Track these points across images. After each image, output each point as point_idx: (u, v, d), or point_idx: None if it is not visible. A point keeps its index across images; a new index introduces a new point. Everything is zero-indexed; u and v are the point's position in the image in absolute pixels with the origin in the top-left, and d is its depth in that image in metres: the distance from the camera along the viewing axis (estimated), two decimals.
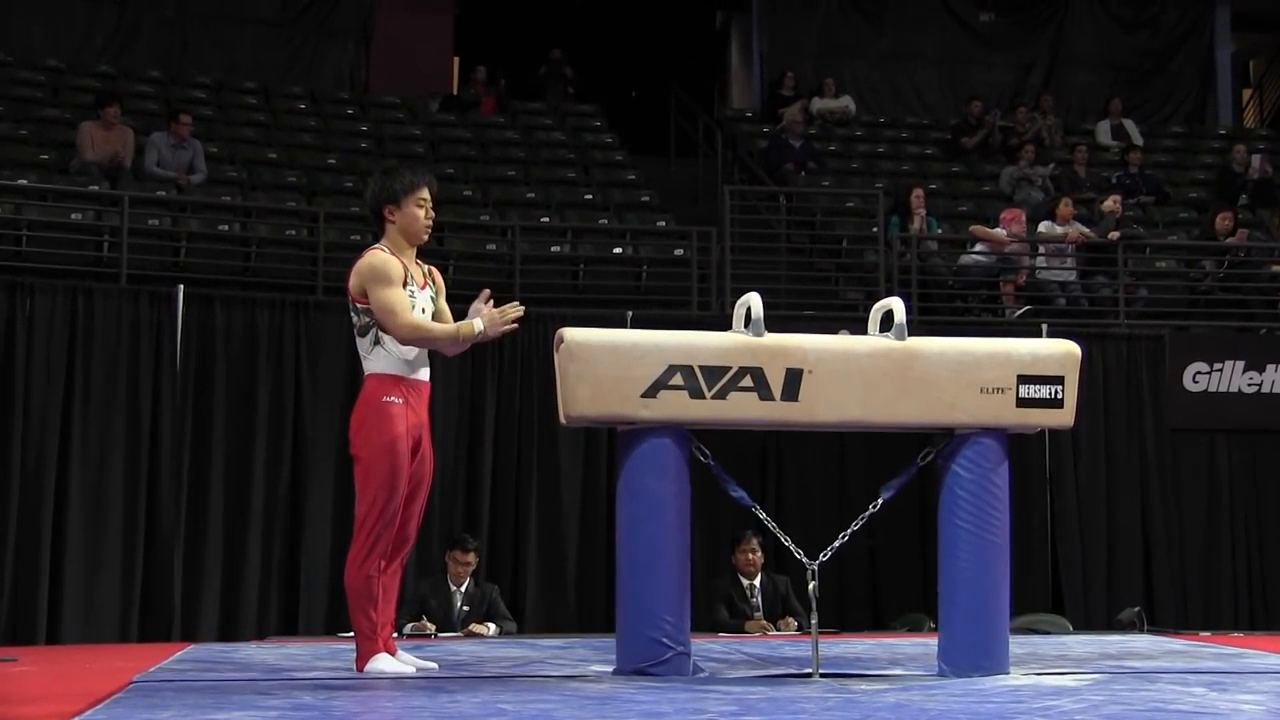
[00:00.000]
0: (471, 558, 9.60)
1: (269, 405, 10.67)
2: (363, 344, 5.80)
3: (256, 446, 10.60)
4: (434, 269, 6.07)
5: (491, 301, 5.80)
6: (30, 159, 12.69)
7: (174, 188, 12.40)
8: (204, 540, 10.37)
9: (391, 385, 5.74)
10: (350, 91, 16.49)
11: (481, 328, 5.72)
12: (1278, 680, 5.82)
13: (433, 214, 5.92)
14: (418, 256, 5.94)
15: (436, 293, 5.96)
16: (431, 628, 9.16)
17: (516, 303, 5.80)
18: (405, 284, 5.74)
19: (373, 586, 5.77)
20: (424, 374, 5.85)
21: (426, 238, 5.92)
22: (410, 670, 5.79)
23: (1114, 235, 13.32)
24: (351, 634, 5.96)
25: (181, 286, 10.61)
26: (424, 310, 5.81)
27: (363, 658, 5.79)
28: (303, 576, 10.54)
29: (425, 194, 5.87)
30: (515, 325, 5.77)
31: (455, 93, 16.91)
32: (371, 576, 5.77)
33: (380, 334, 5.72)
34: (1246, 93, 20.94)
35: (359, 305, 5.76)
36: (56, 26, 15.73)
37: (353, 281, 5.79)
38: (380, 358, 5.76)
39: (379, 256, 5.77)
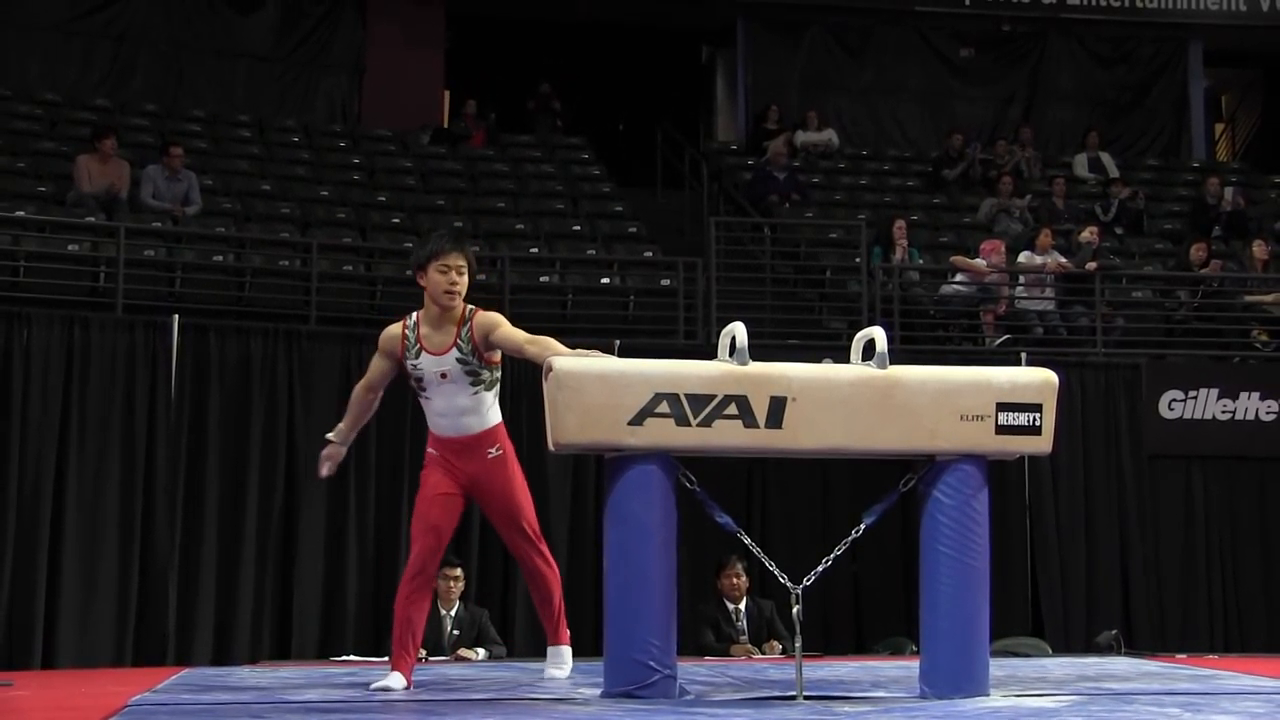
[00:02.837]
0: (459, 573, 9.64)
1: (262, 434, 10.67)
2: None
3: (250, 474, 10.60)
4: (480, 317, 6.08)
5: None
6: (28, 191, 12.70)
7: (169, 219, 12.41)
8: (198, 566, 10.36)
9: (431, 441, 6.19)
10: (342, 124, 16.54)
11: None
12: (1251, 701, 5.83)
13: (458, 280, 6.01)
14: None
15: (471, 349, 6.03)
16: (424, 652, 9.14)
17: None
18: (403, 354, 6.06)
19: (400, 609, 6.19)
20: (453, 431, 6.12)
21: (452, 303, 6.01)
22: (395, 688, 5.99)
23: (1091, 265, 13.38)
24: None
25: (176, 316, 10.62)
26: (419, 379, 6.07)
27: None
28: (295, 601, 10.53)
29: (449, 260, 6.00)
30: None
31: (446, 126, 16.95)
32: (404, 599, 6.21)
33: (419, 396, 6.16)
34: (1219, 127, 21.05)
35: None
36: (54, 61, 15.76)
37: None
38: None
39: (387, 330, 6.19)
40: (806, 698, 5.61)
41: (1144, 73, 18.78)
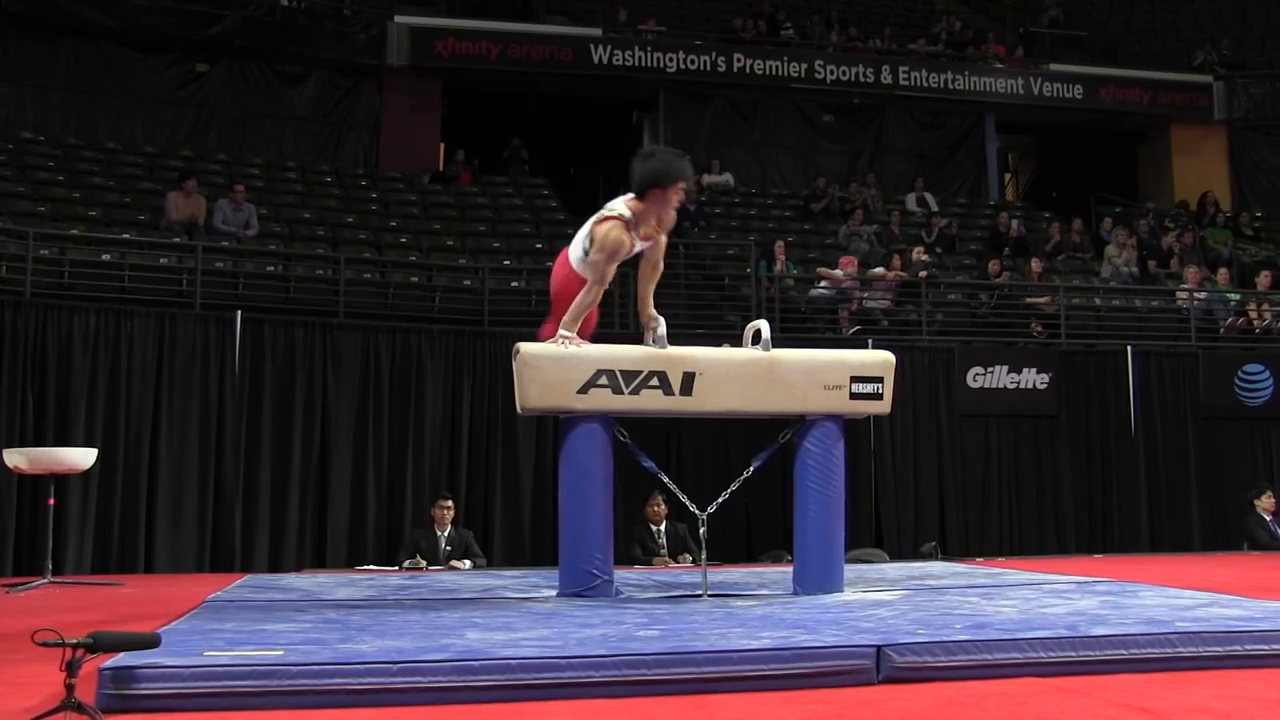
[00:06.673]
0: (449, 504, 9.59)
1: (304, 401, 10.57)
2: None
3: (294, 430, 10.50)
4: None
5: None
6: (132, 219, 12.55)
7: (234, 240, 12.28)
8: (257, 498, 10.27)
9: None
10: (364, 169, 16.36)
11: (568, 334, 5.64)
12: (1026, 590, 5.92)
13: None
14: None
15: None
16: (424, 563, 9.11)
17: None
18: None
19: None
20: None
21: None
22: None
23: (921, 275, 13.46)
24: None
25: (240, 312, 10.51)
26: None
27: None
28: (329, 526, 10.45)
29: (687, 184, 5.98)
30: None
31: (441, 170, 16.77)
32: None
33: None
34: (1008, 176, 21.26)
35: None
36: (152, 123, 15.56)
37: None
38: None
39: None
40: (710, 595, 5.63)
41: (954, 136, 18.88)
